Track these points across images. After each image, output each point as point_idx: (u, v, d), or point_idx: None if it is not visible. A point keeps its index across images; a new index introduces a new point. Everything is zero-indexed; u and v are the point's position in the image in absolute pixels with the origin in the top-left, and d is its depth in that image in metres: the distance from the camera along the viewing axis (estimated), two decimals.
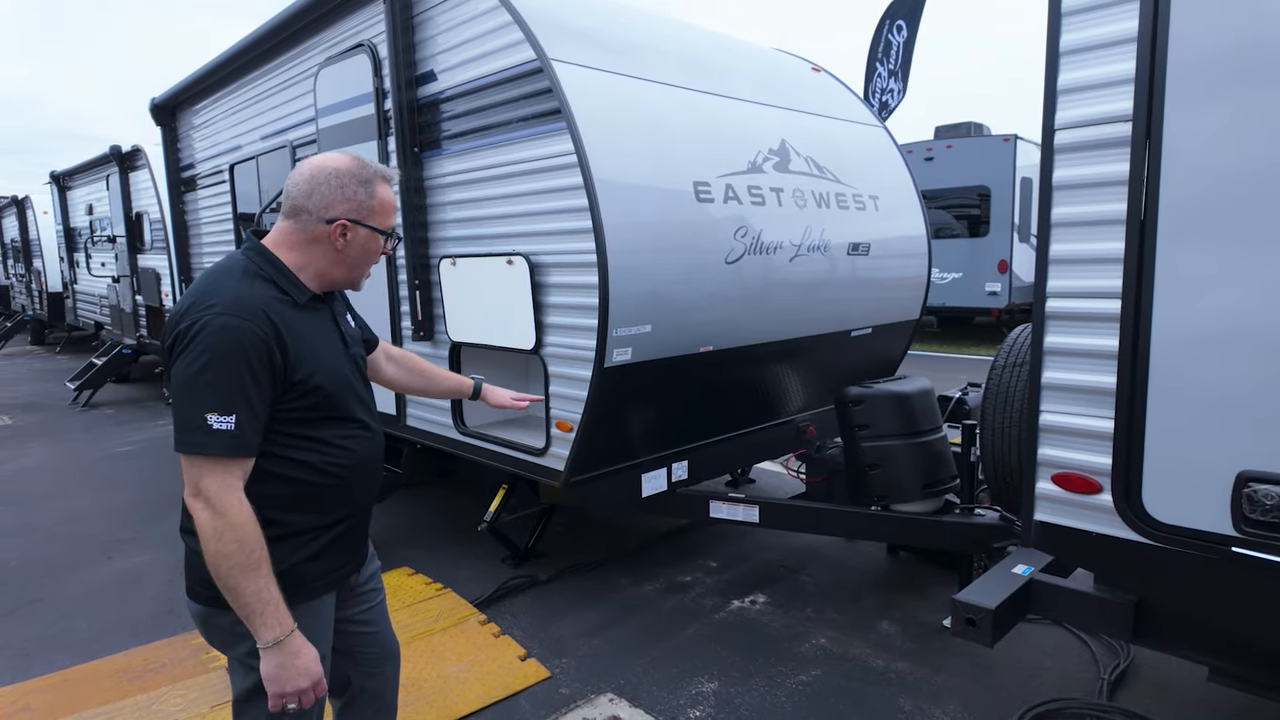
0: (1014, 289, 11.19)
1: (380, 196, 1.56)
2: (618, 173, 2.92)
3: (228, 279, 1.45)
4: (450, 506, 4.87)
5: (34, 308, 14.02)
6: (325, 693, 1.47)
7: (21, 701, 2.82)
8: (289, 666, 1.40)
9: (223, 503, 1.35)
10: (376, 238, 1.58)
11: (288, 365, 1.43)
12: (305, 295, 1.52)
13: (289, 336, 1.44)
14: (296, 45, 4.48)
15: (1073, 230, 1.87)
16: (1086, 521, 1.94)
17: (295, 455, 1.48)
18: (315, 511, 1.53)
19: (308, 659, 1.42)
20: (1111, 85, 1.78)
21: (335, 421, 1.54)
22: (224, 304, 1.39)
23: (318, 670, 1.44)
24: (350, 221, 1.53)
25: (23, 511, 5.07)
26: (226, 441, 1.35)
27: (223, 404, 1.35)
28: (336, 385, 1.53)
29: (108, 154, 8.73)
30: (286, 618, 1.40)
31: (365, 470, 1.61)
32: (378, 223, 1.57)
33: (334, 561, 1.59)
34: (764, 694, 2.80)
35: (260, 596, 1.36)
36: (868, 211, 4.06)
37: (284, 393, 1.44)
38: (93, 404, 8.80)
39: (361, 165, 1.55)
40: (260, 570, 1.36)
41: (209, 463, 1.35)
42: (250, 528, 1.36)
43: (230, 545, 1.34)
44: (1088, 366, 1.88)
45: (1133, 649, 2.94)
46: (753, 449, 3.99)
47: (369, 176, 1.55)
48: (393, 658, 1.85)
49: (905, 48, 10.48)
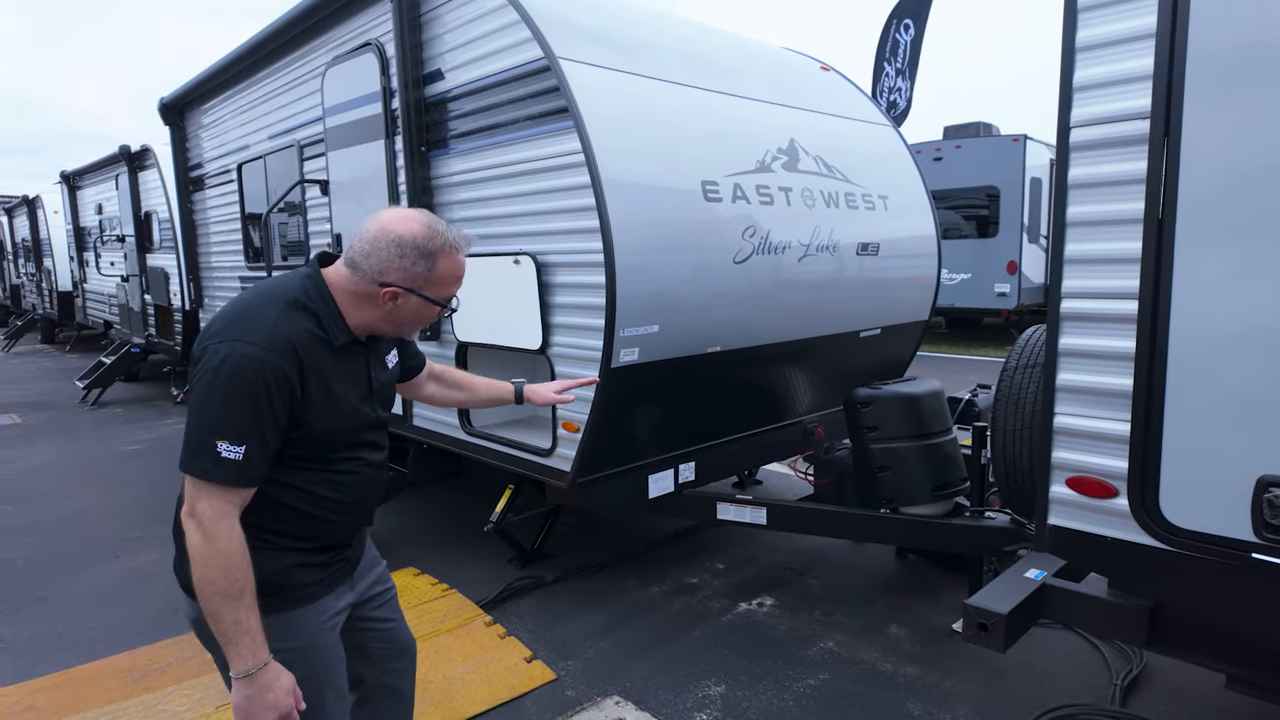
0: (1023, 290, 11.12)
1: (441, 270, 1.49)
2: (625, 172, 2.90)
3: (271, 306, 1.43)
4: (456, 507, 4.86)
5: (44, 306, 14.10)
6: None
7: (26, 700, 2.82)
8: (257, 700, 1.38)
9: (215, 529, 1.34)
10: (430, 306, 1.52)
11: (304, 403, 1.42)
12: (342, 338, 1.49)
13: (311, 377, 1.42)
14: (304, 45, 4.48)
15: (1089, 230, 1.83)
16: (1102, 526, 1.91)
17: (289, 480, 1.47)
18: (302, 536, 1.52)
19: (279, 692, 1.39)
20: (1129, 82, 1.75)
21: (336, 459, 1.53)
22: (259, 335, 1.37)
23: (288, 704, 1.41)
24: (403, 289, 1.47)
25: (30, 510, 5.09)
26: (232, 471, 1.34)
27: (236, 434, 1.34)
28: (344, 430, 1.51)
29: (117, 154, 8.77)
30: (262, 650, 1.38)
31: (361, 503, 1.61)
32: (434, 294, 1.51)
33: (325, 568, 1.58)
34: (771, 698, 2.77)
35: (239, 626, 1.35)
36: (877, 211, 4.03)
37: (292, 429, 1.44)
38: (101, 403, 8.84)
39: (431, 235, 1.47)
40: (242, 600, 1.35)
41: (210, 488, 1.35)
42: (238, 557, 1.35)
43: (215, 571, 1.33)
44: (1104, 368, 1.84)
45: (1146, 655, 2.90)
46: (760, 450, 3.96)
47: (434, 249, 1.47)
48: (408, 652, 1.84)
49: (913, 46, 10.44)
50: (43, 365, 12.30)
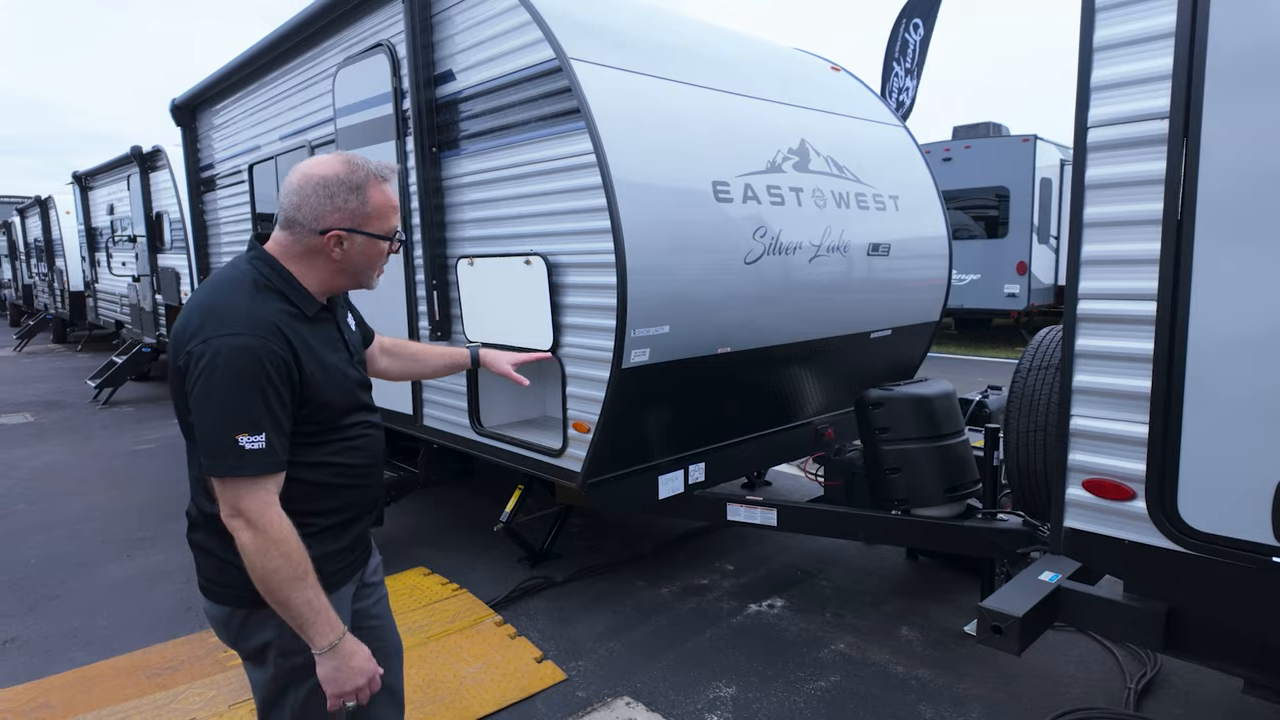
0: (1033, 291, 11.07)
1: (375, 200, 1.48)
2: (636, 172, 2.90)
3: (238, 294, 1.42)
4: (467, 507, 4.87)
5: (56, 306, 14.20)
6: (378, 687, 1.49)
7: (42, 699, 2.84)
8: (344, 669, 1.41)
9: (263, 520, 1.35)
10: (376, 243, 1.51)
11: (303, 380, 1.43)
12: (314, 308, 1.50)
13: (302, 352, 1.43)
14: (315, 45, 4.49)
15: (1106, 230, 1.82)
16: (1118, 529, 1.90)
17: (313, 459, 1.49)
18: (333, 510, 1.54)
19: (361, 659, 1.44)
20: (1147, 81, 1.73)
21: (345, 427, 1.54)
22: (239, 324, 1.37)
23: (372, 667, 1.46)
24: (345, 231, 1.47)
25: (44, 508, 5.12)
26: (260, 461, 1.35)
27: (251, 424, 1.34)
28: (343, 396, 1.53)
29: (129, 154, 8.82)
30: (338, 622, 1.42)
31: (374, 466, 1.63)
32: (375, 228, 1.49)
33: (348, 555, 1.60)
34: (783, 699, 2.77)
35: (311, 605, 1.37)
36: (888, 212, 4.01)
37: (299, 406, 1.44)
38: (113, 402, 8.89)
39: (352, 169, 1.46)
40: (308, 580, 1.37)
41: (246, 483, 1.35)
42: (293, 541, 1.37)
43: (276, 560, 1.34)
44: (1121, 370, 1.83)
45: (1160, 658, 2.88)
46: (770, 451, 3.95)
47: (360, 181, 1.46)
48: (398, 653, 1.85)
49: (921, 46, 10.41)
50: (54, 365, 12.39)
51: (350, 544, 1.60)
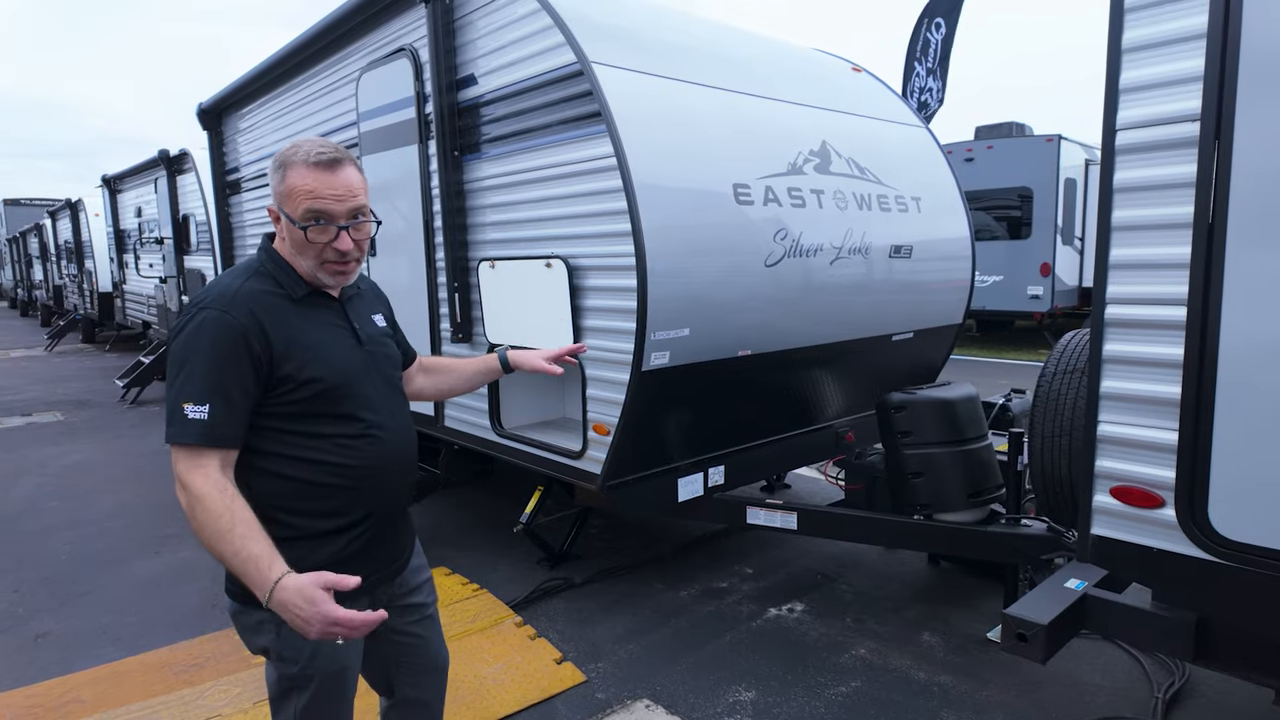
0: (1057, 293, 10.93)
1: (288, 181, 1.46)
2: (657, 175, 2.90)
3: (228, 277, 1.50)
4: (487, 507, 4.89)
5: (85, 307, 14.47)
6: (367, 619, 1.32)
7: (73, 693, 2.89)
8: (298, 611, 1.29)
9: (188, 479, 1.36)
10: (294, 226, 1.47)
11: (273, 357, 1.43)
12: (302, 290, 1.53)
13: (275, 328, 1.45)
14: (339, 50, 4.54)
15: (1135, 234, 1.80)
16: (1147, 537, 1.87)
17: (296, 453, 1.47)
18: (323, 513, 1.49)
19: (304, 603, 1.28)
20: (1178, 83, 1.71)
21: (339, 419, 1.50)
22: (211, 298, 1.44)
23: (322, 610, 1.29)
24: (275, 209, 1.53)
25: (74, 506, 5.23)
26: (198, 430, 1.37)
27: (198, 394, 1.37)
28: (338, 379, 1.50)
29: (156, 158, 8.98)
30: (270, 570, 1.31)
31: (378, 473, 1.54)
32: (287, 209, 1.48)
33: (356, 568, 1.47)
34: (803, 704, 2.75)
35: (239, 555, 1.32)
36: (910, 213, 3.98)
37: (275, 386, 1.44)
38: (140, 401, 9.05)
39: (291, 149, 1.47)
40: (235, 531, 1.33)
41: (183, 451, 1.38)
42: (214, 496, 1.35)
43: (203, 516, 1.35)
44: (1150, 376, 1.80)
45: (1189, 667, 2.83)
46: (790, 454, 3.93)
47: (285, 159, 1.47)
48: (438, 670, 1.81)
49: (943, 46, 10.32)
50: (83, 364, 12.63)
51: (355, 553, 1.53)
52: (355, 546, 1.55)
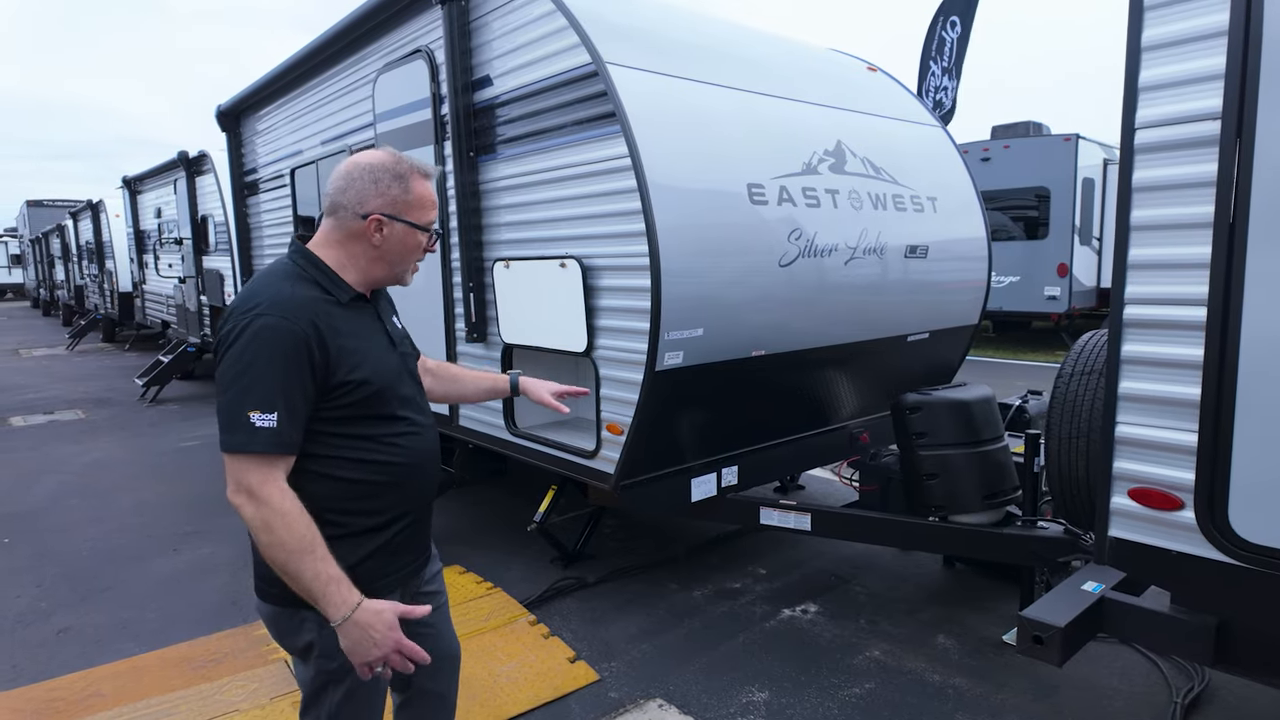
0: (1074, 293, 10.82)
1: (416, 191, 1.55)
2: (671, 176, 2.90)
3: (272, 281, 1.48)
4: (501, 506, 4.92)
5: (105, 306, 14.66)
6: (415, 652, 1.45)
7: (94, 687, 2.94)
8: (364, 640, 1.40)
9: (265, 492, 1.36)
10: (414, 233, 1.56)
11: (329, 364, 1.45)
12: (348, 295, 1.54)
13: (331, 336, 1.45)
14: (355, 52, 4.58)
15: (1154, 234, 1.78)
16: (1166, 539, 1.85)
17: (348, 454, 1.50)
18: (372, 511, 1.54)
19: (381, 628, 1.41)
20: (1198, 81, 1.69)
21: (385, 419, 1.54)
22: (265, 305, 1.42)
23: (394, 637, 1.43)
24: (385, 216, 1.52)
25: (95, 503, 5.30)
26: (267, 438, 1.37)
27: (264, 402, 1.37)
28: (384, 381, 1.54)
29: (176, 159, 9.08)
30: (351, 593, 1.40)
31: (419, 468, 1.61)
32: (414, 218, 1.55)
33: (396, 561, 1.60)
34: (816, 705, 2.75)
35: (320, 578, 1.37)
36: (926, 213, 3.96)
37: (329, 391, 1.46)
38: (159, 400, 9.16)
39: (397, 160, 1.54)
40: (315, 552, 1.37)
41: (253, 460, 1.37)
42: (296, 512, 1.37)
43: (280, 533, 1.36)
44: (1169, 377, 1.79)
45: (1208, 672, 2.80)
46: (804, 455, 3.92)
47: (404, 171, 1.54)
48: (453, 659, 1.85)
49: (959, 45, 10.25)
50: (104, 363, 12.80)
51: (394, 547, 1.59)
52: (399, 540, 1.60)
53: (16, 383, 10.72)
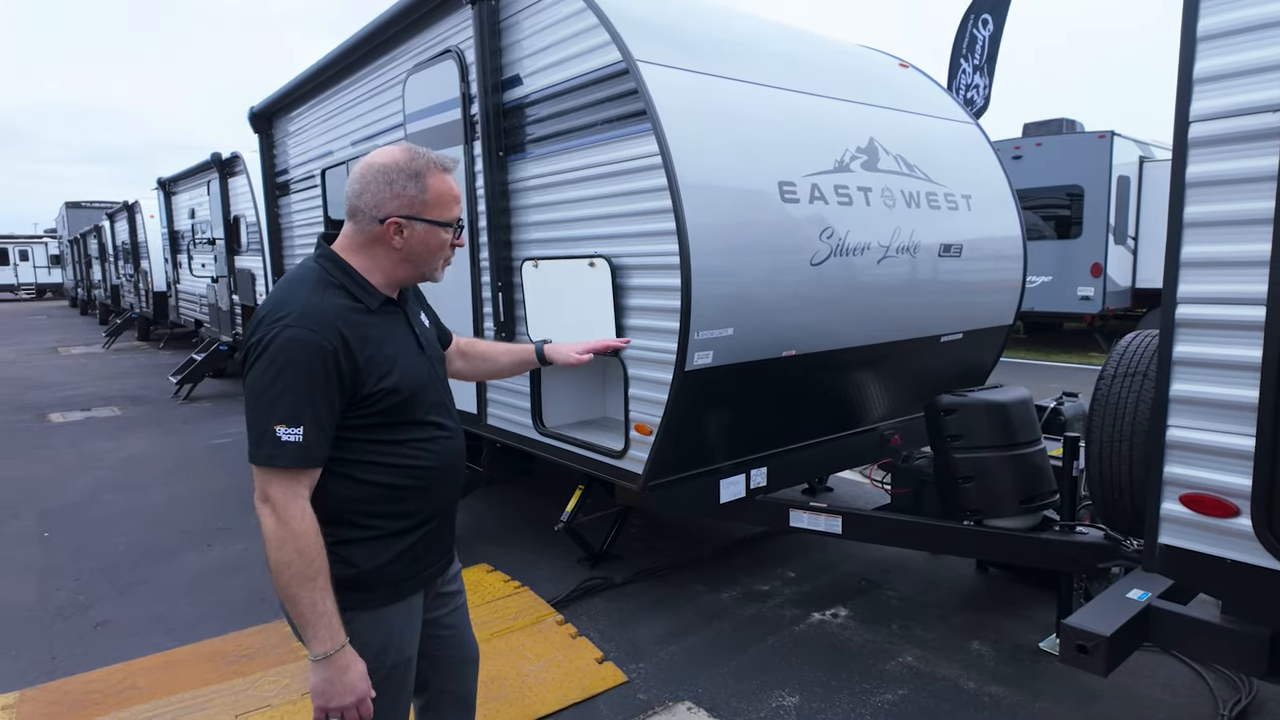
0: (1108, 294, 10.60)
1: (434, 188, 1.49)
2: (702, 174, 2.87)
3: (300, 289, 1.45)
4: (528, 505, 4.92)
5: (141, 306, 14.96)
6: (369, 715, 1.44)
7: (130, 680, 2.98)
8: (336, 682, 1.39)
9: (287, 511, 1.36)
10: (436, 231, 1.52)
11: (358, 374, 1.43)
12: (377, 300, 1.51)
13: (359, 345, 1.43)
14: (386, 53, 4.61)
15: (1209, 231, 1.72)
16: (1220, 547, 1.78)
17: (377, 459, 1.49)
18: (400, 514, 1.53)
19: (354, 676, 1.41)
20: (1257, 72, 1.63)
21: (414, 425, 1.53)
22: (294, 316, 1.39)
23: (364, 687, 1.42)
24: (404, 218, 1.48)
25: (131, 497, 5.40)
26: (294, 453, 1.36)
27: (291, 416, 1.36)
28: (413, 387, 1.52)
29: (209, 161, 9.24)
30: (339, 633, 1.39)
31: (447, 472, 1.60)
32: (435, 215, 1.50)
33: (421, 562, 1.59)
34: (849, 711, 2.70)
35: (315, 609, 1.36)
36: (960, 211, 3.89)
37: (358, 401, 1.44)
38: (193, 397, 9.32)
39: (412, 157, 1.48)
40: (317, 582, 1.37)
41: (277, 473, 1.36)
42: (312, 539, 1.37)
43: (290, 554, 1.35)
44: (1224, 379, 1.72)
45: (1256, 683, 2.71)
46: (835, 457, 3.87)
47: (419, 169, 1.48)
48: (472, 660, 1.85)
49: (991, 42, 10.08)
50: (139, 361, 13.06)
51: (419, 549, 1.57)
52: (425, 542, 1.59)
53: (55, 380, 10.98)
